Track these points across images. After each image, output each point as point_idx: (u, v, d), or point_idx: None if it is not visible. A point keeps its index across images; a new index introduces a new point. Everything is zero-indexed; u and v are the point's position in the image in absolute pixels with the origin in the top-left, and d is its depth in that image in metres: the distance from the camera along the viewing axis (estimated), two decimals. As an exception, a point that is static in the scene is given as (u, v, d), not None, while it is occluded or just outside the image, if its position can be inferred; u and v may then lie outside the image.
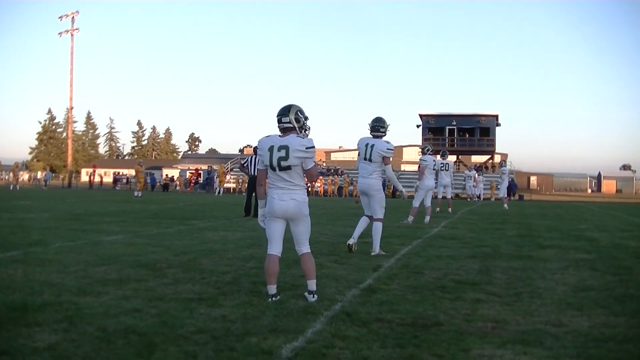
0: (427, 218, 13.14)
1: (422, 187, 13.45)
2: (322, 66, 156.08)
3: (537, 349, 3.51)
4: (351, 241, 7.71)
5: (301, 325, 3.93)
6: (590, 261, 7.28)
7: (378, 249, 7.59)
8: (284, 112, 4.75)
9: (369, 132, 7.83)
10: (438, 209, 17.08)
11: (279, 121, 4.76)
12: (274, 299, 4.67)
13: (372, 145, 7.61)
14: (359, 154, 7.85)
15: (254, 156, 14.89)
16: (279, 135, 4.78)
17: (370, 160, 7.61)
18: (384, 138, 7.79)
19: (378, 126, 7.75)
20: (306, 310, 4.33)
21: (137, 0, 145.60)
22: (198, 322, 3.93)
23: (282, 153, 4.64)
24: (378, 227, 7.63)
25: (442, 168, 16.59)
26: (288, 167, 4.66)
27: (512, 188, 38.99)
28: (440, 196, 17.41)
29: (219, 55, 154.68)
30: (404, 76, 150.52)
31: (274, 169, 4.70)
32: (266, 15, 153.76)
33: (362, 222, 7.85)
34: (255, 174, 14.51)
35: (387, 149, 7.60)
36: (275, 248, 4.82)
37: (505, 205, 20.63)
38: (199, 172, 45.60)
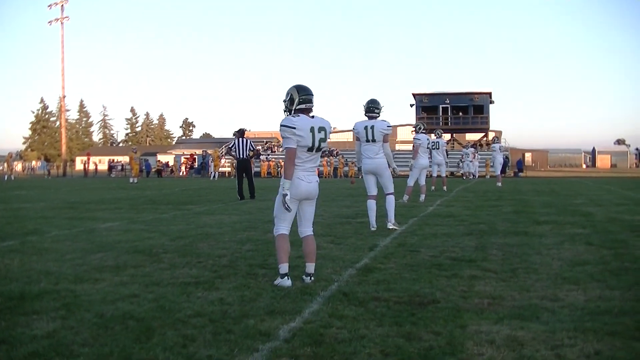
0: (422, 197, 13.19)
1: (416, 165, 13.48)
2: (314, 47, 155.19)
3: (533, 323, 3.53)
4: (372, 229, 7.88)
5: (298, 306, 3.94)
6: (586, 236, 7.31)
7: (393, 219, 8.02)
8: (311, 92, 4.69)
9: (364, 113, 7.92)
10: (433, 188, 17.15)
11: (310, 101, 4.66)
12: (287, 277, 4.59)
13: (372, 127, 7.80)
14: (357, 139, 7.99)
15: (240, 139, 14.99)
16: (309, 116, 4.64)
17: (374, 140, 7.81)
18: (379, 118, 7.87)
19: (373, 107, 7.88)
20: (303, 291, 4.34)
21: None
22: (195, 306, 3.94)
23: (322, 134, 4.62)
24: (391, 200, 8.09)
25: (433, 147, 16.62)
26: (322, 148, 4.69)
27: (508, 165, 39.10)
28: (435, 174, 17.47)
29: (210, 39, 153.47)
30: (396, 56, 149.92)
31: (312, 150, 4.62)
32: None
33: (372, 206, 8.02)
34: (245, 157, 14.68)
35: (387, 126, 7.90)
36: (287, 228, 4.74)
37: (499, 184, 20.64)
38: (194, 157, 45.52)
